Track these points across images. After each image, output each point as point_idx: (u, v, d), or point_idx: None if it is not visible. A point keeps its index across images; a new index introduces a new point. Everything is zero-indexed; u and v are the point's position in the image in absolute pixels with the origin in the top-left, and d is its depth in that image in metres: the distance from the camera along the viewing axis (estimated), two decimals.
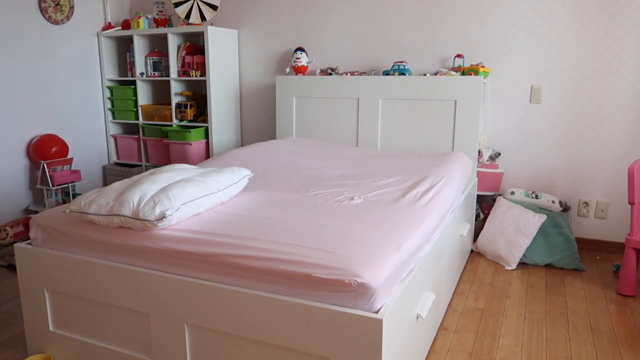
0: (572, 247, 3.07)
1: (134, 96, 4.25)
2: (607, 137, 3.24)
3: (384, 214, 1.93)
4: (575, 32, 3.20)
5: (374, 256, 1.54)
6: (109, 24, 4.26)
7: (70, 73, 4.03)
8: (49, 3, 3.77)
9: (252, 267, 1.56)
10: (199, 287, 1.64)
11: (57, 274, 1.92)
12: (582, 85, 3.24)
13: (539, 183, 3.45)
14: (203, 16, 3.93)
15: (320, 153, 3.17)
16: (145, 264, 1.76)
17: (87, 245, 1.87)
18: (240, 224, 1.81)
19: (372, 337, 1.41)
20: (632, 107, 3.15)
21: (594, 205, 3.34)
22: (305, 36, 3.93)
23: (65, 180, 3.75)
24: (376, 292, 1.43)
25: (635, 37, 3.07)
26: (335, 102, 3.66)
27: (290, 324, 1.52)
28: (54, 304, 1.99)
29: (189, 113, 4.06)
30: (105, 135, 4.42)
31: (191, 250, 1.67)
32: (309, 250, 1.56)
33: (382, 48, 3.71)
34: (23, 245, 2.00)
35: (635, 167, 2.68)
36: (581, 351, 2.18)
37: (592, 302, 2.64)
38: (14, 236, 3.45)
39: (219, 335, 1.66)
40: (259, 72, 4.16)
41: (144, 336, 1.81)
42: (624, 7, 3.07)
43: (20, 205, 3.77)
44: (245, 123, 4.31)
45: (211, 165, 2.81)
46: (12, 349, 2.19)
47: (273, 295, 1.53)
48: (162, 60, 4.20)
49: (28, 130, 3.74)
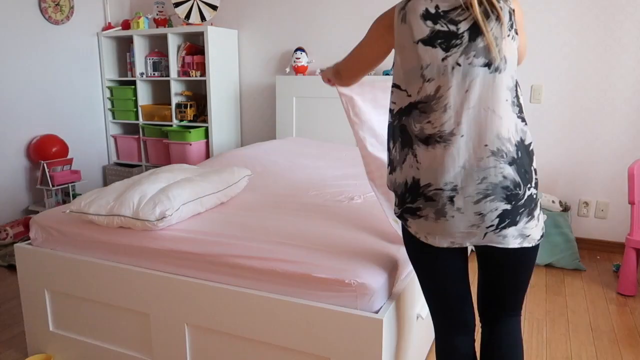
0: (572, 247, 3.07)
1: (134, 96, 4.24)
2: (607, 137, 3.24)
3: (384, 214, 1.93)
4: (575, 32, 3.20)
5: (374, 256, 1.54)
6: (109, 24, 4.26)
7: (70, 73, 4.03)
8: (49, 3, 3.77)
9: (252, 267, 1.57)
10: (199, 287, 1.64)
11: (57, 274, 1.92)
12: (582, 85, 3.24)
13: (539, 183, 3.45)
14: (203, 16, 3.93)
15: (320, 153, 3.17)
16: (145, 264, 1.76)
17: (87, 245, 1.87)
18: (240, 224, 1.81)
19: (372, 337, 1.41)
20: (632, 107, 3.15)
21: (594, 205, 3.34)
22: (305, 36, 3.93)
23: (65, 181, 3.75)
24: (376, 292, 1.43)
25: (635, 37, 3.07)
26: (335, 102, 3.66)
27: (291, 324, 1.52)
28: (54, 304, 1.99)
29: (189, 113, 4.06)
30: (105, 135, 4.42)
31: (191, 250, 1.67)
32: (309, 250, 1.56)
33: None
34: (23, 245, 2.00)
35: (635, 167, 2.68)
36: (581, 351, 2.18)
37: (592, 302, 2.64)
38: (14, 236, 3.45)
39: (219, 335, 1.66)
40: (259, 72, 4.16)
41: (144, 336, 1.81)
42: (624, 7, 3.07)
43: (20, 206, 3.77)
44: (245, 123, 4.31)
45: (211, 165, 2.81)
46: (12, 349, 2.19)
47: (273, 295, 1.53)
48: (162, 60, 4.20)
49: (28, 130, 3.74)
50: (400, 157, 1.30)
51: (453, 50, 1.21)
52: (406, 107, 1.28)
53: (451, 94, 1.21)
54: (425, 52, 1.23)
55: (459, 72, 1.21)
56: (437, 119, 1.22)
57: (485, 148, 1.20)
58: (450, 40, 1.22)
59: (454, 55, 1.21)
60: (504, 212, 1.21)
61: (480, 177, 1.20)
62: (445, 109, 1.22)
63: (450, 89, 1.21)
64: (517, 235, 1.24)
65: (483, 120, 1.20)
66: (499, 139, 1.20)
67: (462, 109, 1.21)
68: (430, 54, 1.23)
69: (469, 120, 1.21)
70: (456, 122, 1.21)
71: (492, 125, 1.20)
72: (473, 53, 1.20)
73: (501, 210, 1.21)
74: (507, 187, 1.20)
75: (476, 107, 1.21)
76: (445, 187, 1.22)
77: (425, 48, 1.23)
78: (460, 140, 1.21)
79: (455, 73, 1.21)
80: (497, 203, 1.20)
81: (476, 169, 1.20)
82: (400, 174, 1.30)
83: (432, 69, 1.23)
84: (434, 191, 1.23)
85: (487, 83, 1.21)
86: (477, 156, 1.20)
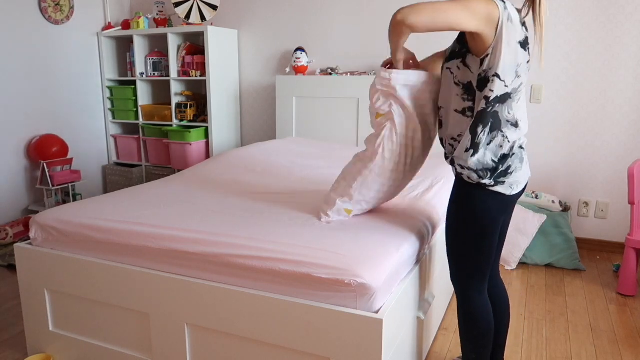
0: (572, 247, 3.07)
1: (134, 96, 4.24)
2: (607, 137, 3.24)
3: (384, 214, 1.93)
4: (576, 32, 3.20)
5: (374, 256, 1.53)
6: (109, 24, 4.26)
7: (70, 73, 4.03)
8: (49, 3, 3.77)
9: (252, 267, 1.56)
10: (199, 287, 1.64)
11: (57, 274, 1.92)
12: (582, 85, 3.24)
13: (539, 183, 3.45)
14: (203, 16, 3.93)
15: (320, 153, 3.17)
16: (145, 264, 1.76)
17: (87, 245, 1.87)
18: (240, 224, 1.81)
19: (372, 337, 1.41)
20: (632, 107, 3.15)
21: (594, 205, 3.34)
22: (305, 36, 3.93)
23: (65, 180, 3.75)
24: (376, 292, 1.43)
25: (635, 37, 3.07)
26: (335, 102, 3.66)
27: (291, 324, 1.52)
28: (54, 304, 1.99)
29: (189, 113, 4.06)
30: (105, 135, 4.42)
31: (191, 250, 1.67)
32: (309, 250, 1.56)
33: (382, 48, 3.71)
34: (23, 245, 2.00)
35: (635, 167, 2.68)
36: (581, 351, 2.18)
37: (592, 302, 2.64)
38: (14, 236, 3.45)
39: (219, 335, 1.66)
40: (259, 72, 4.16)
41: (144, 336, 1.81)
42: (624, 7, 3.07)
43: (20, 205, 3.77)
44: (245, 123, 4.31)
45: (211, 165, 2.81)
46: (12, 349, 2.19)
47: (273, 295, 1.53)
48: (162, 60, 4.20)
49: (28, 130, 3.75)
50: (488, 139, 1.54)
51: (529, 56, 1.54)
52: (502, 95, 1.50)
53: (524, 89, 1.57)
54: (521, 53, 1.49)
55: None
56: (516, 107, 1.55)
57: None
58: (529, 45, 1.53)
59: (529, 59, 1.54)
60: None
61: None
62: (519, 100, 1.56)
63: (524, 86, 1.57)
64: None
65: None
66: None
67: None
68: (522, 56, 1.50)
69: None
70: (523, 110, 1.60)
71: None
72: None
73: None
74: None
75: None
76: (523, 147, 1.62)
77: (521, 50, 1.49)
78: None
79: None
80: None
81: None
82: (486, 152, 1.54)
83: (522, 68, 1.51)
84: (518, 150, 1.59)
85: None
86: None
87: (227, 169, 2.72)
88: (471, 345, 1.72)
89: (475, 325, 1.68)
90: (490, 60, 1.47)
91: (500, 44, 1.45)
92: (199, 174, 2.63)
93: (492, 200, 1.58)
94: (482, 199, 1.58)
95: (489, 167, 1.54)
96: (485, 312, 1.68)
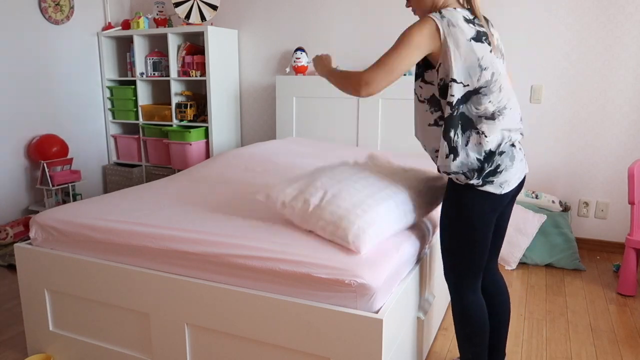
0: (572, 247, 3.07)
1: (134, 96, 4.24)
2: (607, 137, 3.24)
3: None
4: (576, 32, 3.19)
5: (374, 256, 1.54)
6: (109, 24, 4.26)
7: (70, 73, 4.03)
8: (49, 3, 3.77)
9: (252, 267, 1.57)
10: (199, 287, 1.64)
11: (57, 274, 1.92)
12: (582, 85, 3.24)
13: (539, 183, 3.45)
14: (203, 16, 3.93)
15: (320, 153, 3.17)
16: (145, 264, 1.76)
17: (87, 245, 1.87)
18: (241, 224, 1.81)
19: (372, 337, 1.41)
20: (632, 107, 3.15)
21: (594, 205, 3.34)
22: (305, 36, 3.93)
23: (65, 180, 3.75)
24: (376, 292, 1.43)
25: (635, 37, 3.07)
26: (335, 102, 3.66)
27: (291, 324, 1.52)
28: (54, 304, 1.99)
29: (189, 113, 4.06)
30: (105, 135, 4.42)
31: (191, 250, 1.67)
32: (309, 250, 1.56)
33: (383, 48, 3.71)
34: (23, 245, 2.00)
35: (635, 167, 2.68)
36: (581, 351, 2.18)
37: (592, 302, 2.64)
38: (14, 236, 3.45)
39: (219, 335, 1.66)
40: (259, 72, 4.16)
41: (144, 336, 1.81)
42: (624, 7, 3.07)
43: (20, 205, 3.77)
44: (245, 123, 4.31)
45: (211, 165, 2.81)
46: (12, 349, 2.19)
47: (273, 295, 1.53)
48: (162, 60, 4.20)
49: (28, 130, 3.74)
50: (464, 140, 1.55)
51: (491, 45, 1.55)
52: (464, 95, 1.52)
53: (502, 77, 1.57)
54: (478, 47, 1.51)
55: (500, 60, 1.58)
56: (495, 98, 1.55)
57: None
58: (486, 36, 1.55)
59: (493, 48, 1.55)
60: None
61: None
62: (500, 90, 1.56)
63: (501, 74, 1.56)
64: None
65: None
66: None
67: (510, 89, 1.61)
68: (481, 49, 1.52)
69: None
70: (507, 98, 1.58)
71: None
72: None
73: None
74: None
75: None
76: (515, 144, 1.63)
77: (478, 44, 1.51)
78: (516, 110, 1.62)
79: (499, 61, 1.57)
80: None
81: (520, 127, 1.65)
82: (468, 153, 1.55)
83: (486, 60, 1.52)
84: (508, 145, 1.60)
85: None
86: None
87: (227, 169, 2.72)
88: (466, 345, 1.72)
89: (468, 322, 1.69)
90: (444, 67, 1.52)
91: (448, 50, 1.49)
92: (199, 174, 2.63)
93: (482, 200, 1.60)
94: (473, 199, 1.60)
95: (474, 167, 1.56)
96: (479, 310, 1.69)
